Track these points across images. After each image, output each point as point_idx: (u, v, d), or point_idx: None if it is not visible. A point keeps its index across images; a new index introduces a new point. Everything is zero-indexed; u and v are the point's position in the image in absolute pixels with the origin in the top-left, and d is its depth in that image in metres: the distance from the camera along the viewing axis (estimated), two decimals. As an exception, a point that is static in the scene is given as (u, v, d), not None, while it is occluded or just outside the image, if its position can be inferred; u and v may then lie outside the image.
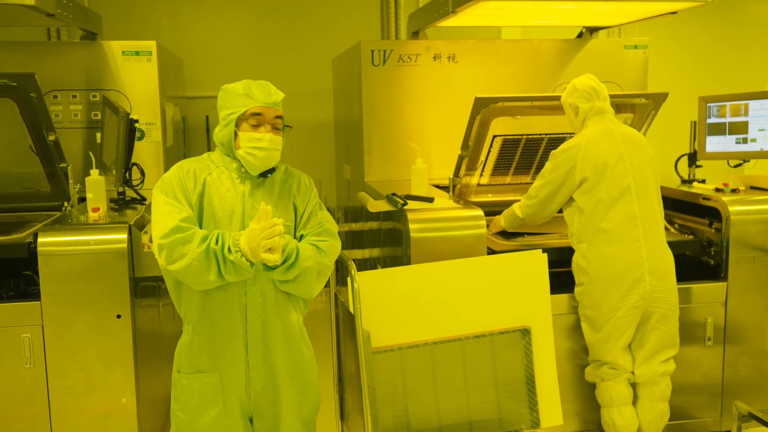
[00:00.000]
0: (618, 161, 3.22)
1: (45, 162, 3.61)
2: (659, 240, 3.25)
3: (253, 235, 2.21)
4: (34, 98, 3.40)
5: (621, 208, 3.19)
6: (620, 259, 3.18)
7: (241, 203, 2.38)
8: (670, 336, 3.27)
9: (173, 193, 2.35)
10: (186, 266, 2.24)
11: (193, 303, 2.39)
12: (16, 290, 3.24)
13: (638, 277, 3.16)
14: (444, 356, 2.96)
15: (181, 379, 2.45)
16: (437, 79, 4.62)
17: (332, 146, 6.13)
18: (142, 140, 4.35)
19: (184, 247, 2.24)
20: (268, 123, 2.36)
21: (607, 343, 3.23)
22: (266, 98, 2.36)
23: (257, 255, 2.21)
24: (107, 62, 4.35)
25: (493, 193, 4.14)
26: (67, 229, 3.14)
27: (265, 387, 2.43)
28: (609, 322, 3.21)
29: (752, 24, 6.81)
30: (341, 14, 6.12)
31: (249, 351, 2.40)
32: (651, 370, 3.26)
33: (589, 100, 3.35)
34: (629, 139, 3.31)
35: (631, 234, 3.18)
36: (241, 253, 2.22)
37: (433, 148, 4.42)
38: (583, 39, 4.88)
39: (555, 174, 3.31)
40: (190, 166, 2.42)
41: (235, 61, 6.02)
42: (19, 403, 3.10)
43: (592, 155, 3.23)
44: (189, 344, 2.42)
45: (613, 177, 3.21)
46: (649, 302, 3.18)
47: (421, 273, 2.99)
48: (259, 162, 2.37)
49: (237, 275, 2.26)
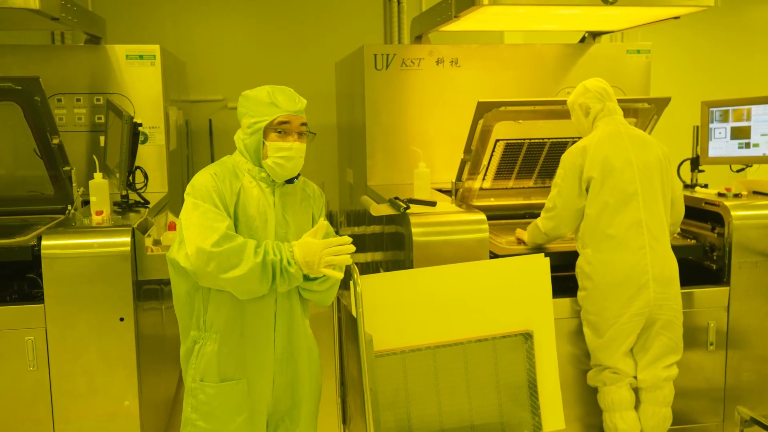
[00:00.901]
0: (626, 165, 3.21)
1: (49, 165, 3.62)
2: (664, 246, 3.23)
3: (313, 249, 2.25)
4: (39, 102, 3.42)
5: (628, 213, 3.18)
6: (625, 266, 3.17)
7: (273, 211, 2.39)
8: (674, 342, 3.26)
9: (211, 200, 2.29)
10: (241, 276, 2.21)
11: (222, 312, 2.37)
12: (20, 293, 3.25)
13: (643, 284, 3.15)
14: (446, 360, 2.96)
15: (206, 388, 2.39)
16: (440, 84, 4.63)
17: (335, 150, 6.15)
18: (146, 144, 4.36)
19: (239, 257, 2.21)
20: (294, 131, 2.36)
21: (609, 348, 3.23)
22: (292, 106, 2.35)
23: (313, 269, 2.25)
24: (111, 66, 4.37)
25: (495, 197, 4.15)
26: (71, 232, 3.15)
27: (286, 390, 2.47)
28: (612, 328, 3.20)
29: (755, 29, 6.82)
30: (344, 18, 6.14)
31: (276, 356, 2.42)
32: (654, 375, 3.26)
33: (600, 100, 3.33)
34: (638, 141, 3.28)
35: (637, 241, 3.17)
36: (298, 266, 2.25)
37: (435, 152, 4.43)
38: (586, 44, 4.89)
39: (567, 180, 3.28)
40: (224, 174, 2.36)
41: (239, 65, 6.04)
42: (23, 406, 3.11)
43: (598, 156, 3.21)
44: (217, 353, 2.37)
45: (621, 181, 3.19)
46: (653, 309, 3.17)
47: (423, 277, 3.00)
48: (287, 171, 2.37)
49: (288, 286, 2.30)
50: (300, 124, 2.38)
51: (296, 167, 2.39)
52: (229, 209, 2.31)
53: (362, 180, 4.74)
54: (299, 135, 2.38)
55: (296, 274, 2.26)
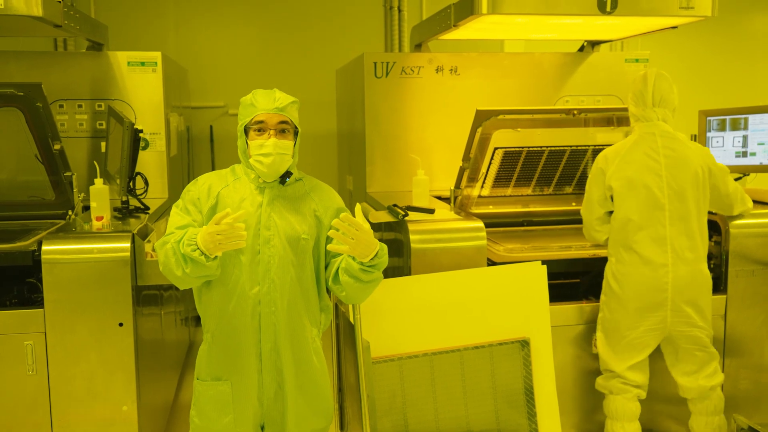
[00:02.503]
0: (654, 179, 3.12)
1: (50, 171, 3.64)
2: (691, 265, 3.13)
3: (209, 231, 2.26)
4: (40, 108, 3.44)
5: (651, 229, 3.11)
6: (644, 282, 3.12)
7: (257, 213, 2.41)
8: (706, 353, 3.20)
9: (183, 205, 2.44)
10: (163, 265, 2.37)
11: (210, 311, 2.44)
12: (20, 298, 3.26)
13: (659, 302, 3.11)
14: (443, 367, 2.97)
15: (198, 385, 2.49)
16: (439, 92, 4.65)
17: (335, 157, 6.17)
18: (147, 150, 4.38)
19: (163, 248, 2.35)
20: (271, 128, 2.39)
21: (621, 358, 3.20)
22: (268, 104, 2.39)
23: (214, 250, 2.25)
24: (113, 72, 4.40)
25: (494, 204, 4.16)
26: (71, 237, 3.17)
27: (277, 395, 2.45)
28: (624, 340, 3.18)
29: (753, 38, 6.85)
30: (345, 26, 6.16)
31: (262, 359, 2.42)
32: (699, 386, 3.21)
33: (637, 104, 3.23)
34: (674, 154, 3.15)
35: (660, 258, 3.10)
36: (196, 248, 2.25)
37: (434, 160, 4.45)
38: (585, 52, 4.91)
39: (591, 186, 3.26)
40: (207, 180, 2.48)
41: (240, 72, 6.06)
42: (22, 410, 3.12)
43: (624, 167, 3.14)
44: (208, 352, 2.47)
45: (646, 196, 3.12)
46: (671, 327, 3.13)
47: (421, 284, 3.01)
48: (267, 168, 2.39)
49: (197, 270, 2.29)
50: (279, 122, 2.39)
51: (276, 163, 2.39)
52: (203, 212, 2.41)
53: (362, 187, 4.76)
54: (280, 132, 2.39)
55: (199, 258, 2.25)
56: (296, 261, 2.42)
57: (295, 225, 2.43)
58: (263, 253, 2.39)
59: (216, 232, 2.22)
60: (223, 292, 2.41)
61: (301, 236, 2.43)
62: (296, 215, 2.45)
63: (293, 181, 2.49)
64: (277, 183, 2.45)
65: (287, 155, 2.40)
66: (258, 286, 2.39)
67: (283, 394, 2.45)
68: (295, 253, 2.42)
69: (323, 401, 2.54)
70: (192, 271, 2.29)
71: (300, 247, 2.43)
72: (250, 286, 2.39)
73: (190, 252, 2.25)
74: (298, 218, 2.45)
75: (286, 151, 2.40)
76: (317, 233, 2.49)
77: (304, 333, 2.47)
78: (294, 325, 2.44)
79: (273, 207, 2.43)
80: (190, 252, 2.25)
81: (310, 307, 2.49)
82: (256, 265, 2.39)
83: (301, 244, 2.43)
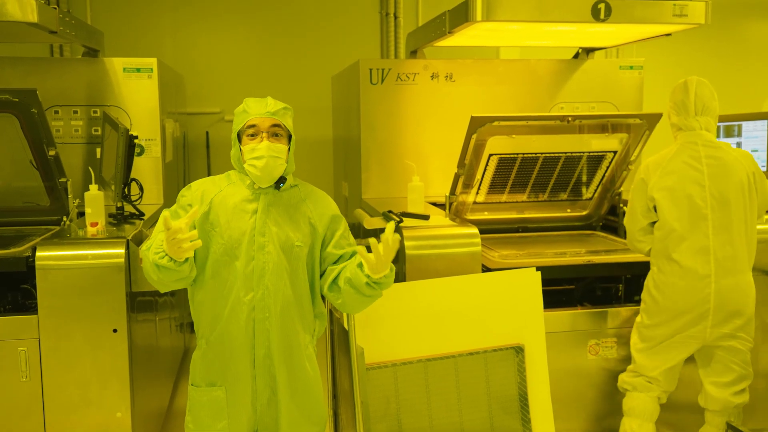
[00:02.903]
0: (697, 190, 3.09)
1: (45, 177, 3.64)
2: (735, 276, 3.09)
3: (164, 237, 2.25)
4: (35, 114, 3.44)
5: (694, 240, 3.08)
6: (686, 294, 3.09)
7: (252, 219, 2.41)
8: (744, 369, 3.19)
9: (175, 210, 2.44)
10: (145, 272, 2.38)
11: (204, 317, 2.45)
12: (14, 304, 3.26)
13: (701, 313, 3.08)
14: (437, 373, 2.97)
15: (192, 391, 2.49)
16: (435, 98, 4.66)
17: (331, 163, 6.18)
18: (142, 156, 4.38)
19: (145, 254, 2.37)
20: (264, 132, 2.39)
21: (655, 362, 3.19)
22: (260, 109, 2.40)
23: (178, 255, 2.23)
24: (108, 78, 4.40)
25: (489, 211, 4.18)
26: (66, 243, 3.17)
27: (270, 401, 2.45)
28: (660, 346, 3.17)
29: (747, 45, 6.88)
30: (341, 33, 6.18)
31: (256, 365, 2.42)
32: (725, 399, 3.20)
33: (678, 113, 3.20)
34: (718, 163, 3.12)
35: (703, 269, 3.06)
36: (164, 254, 2.24)
37: (429, 166, 4.46)
38: (580, 59, 4.93)
39: (634, 196, 3.24)
40: (200, 186, 2.48)
41: (236, 78, 6.07)
42: (15, 417, 3.11)
43: (667, 177, 3.12)
44: (202, 357, 2.47)
45: (689, 207, 3.09)
46: (711, 337, 3.11)
47: (415, 290, 3.01)
48: (261, 172, 2.38)
49: (169, 275, 2.29)
50: (270, 125, 2.39)
51: (270, 167, 2.38)
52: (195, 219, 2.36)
53: (357, 193, 4.77)
54: (273, 135, 2.39)
55: (168, 264, 2.24)
56: (290, 268, 2.43)
57: (289, 232, 2.43)
58: (258, 260, 2.39)
59: (169, 237, 2.19)
60: (217, 298, 2.41)
61: (295, 243, 2.43)
62: (291, 222, 2.45)
63: (288, 188, 2.49)
64: (272, 189, 2.45)
65: (281, 158, 2.40)
66: (252, 292, 2.39)
67: (276, 401, 2.45)
68: (289, 260, 2.42)
69: (316, 408, 2.54)
70: (165, 276, 2.30)
71: (294, 255, 2.43)
72: (245, 293, 2.38)
73: (158, 259, 2.26)
74: (293, 225, 2.45)
75: (279, 154, 2.39)
76: (311, 241, 2.48)
77: (298, 339, 2.47)
78: (287, 332, 2.44)
79: (268, 213, 2.43)
80: (158, 259, 2.26)
81: (303, 313, 2.49)
82: (250, 271, 2.39)
83: (295, 252, 2.43)
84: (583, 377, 3.49)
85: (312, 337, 2.55)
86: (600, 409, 3.56)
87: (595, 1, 3.56)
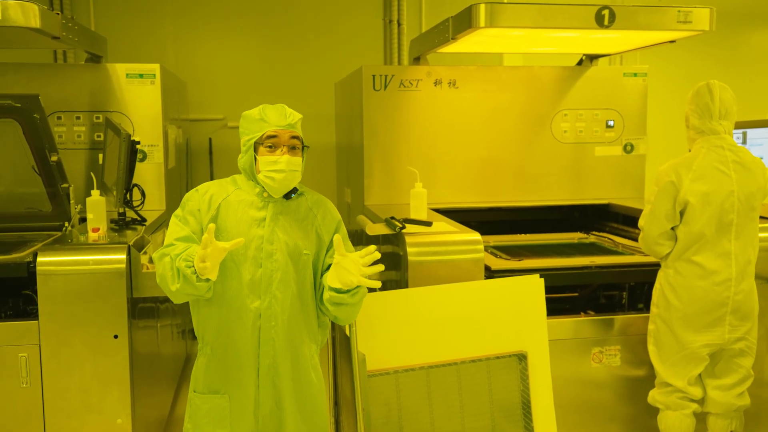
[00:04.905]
0: (727, 195, 3.08)
1: (47, 182, 3.63)
2: (749, 279, 3.12)
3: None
4: (38, 119, 3.44)
5: (719, 244, 3.08)
6: (706, 297, 3.09)
7: (260, 228, 2.39)
8: (747, 370, 3.20)
9: (183, 215, 2.41)
10: (160, 277, 2.33)
11: (210, 324, 2.41)
12: (15, 309, 3.25)
13: (719, 316, 3.08)
14: (440, 380, 2.95)
15: (195, 398, 2.46)
16: (438, 105, 4.65)
17: (334, 169, 6.17)
18: (144, 161, 4.38)
19: (161, 260, 2.32)
20: (284, 145, 2.37)
21: (680, 371, 3.17)
22: (280, 120, 2.38)
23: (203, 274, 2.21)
24: (111, 84, 4.40)
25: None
26: (67, 249, 3.16)
27: (273, 411, 2.43)
28: (682, 353, 3.15)
29: (752, 53, 6.87)
30: (344, 39, 6.18)
31: (260, 374, 2.40)
32: (728, 402, 3.20)
33: (700, 117, 3.15)
34: (743, 168, 3.12)
35: (725, 272, 3.07)
36: (191, 265, 2.22)
37: (433, 173, 4.44)
38: (583, 66, 4.92)
39: (660, 199, 3.14)
40: (208, 190, 2.45)
41: (239, 84, 6.07)
42: (16, 423, 3.10)
43: (700, 182, 3.08)
44: (206, 365, 2.44)
45: (720, 212, 3.07)
46: (726, 341, 3.12)
47: (418, 296, 3.00)
48: (278, 184, 2.38)
49: (186, 287, 2.26)
50: (290, 137, 2.38)
51: (288, 180, 2.38)
52: (202, 223, 2.37)
53: (360, 199, 4.76)
54: (291, 149, 2.39)
55: (191, 276, 2.21)
56: (297, 276, 2.42)
57: (297, 240, 2.42)
58: (266, 267, 2.37)
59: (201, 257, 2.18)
60: (223, 305, 2.39)
61: (303, 252, 2.42)
62: (299, 231, 2.44)
63: (297, 196, 2.49)
64: (281, 198, 2.44)
65: (298, 172, 2.41)
66: (259, 300, 2.37)
67: (279, 412, 2.43)
68: (297, 268, 2.41)
69: (320, 418, 2.52)
70: (182, 287, 2.27)
71: (302, 263, 2.42)
72: (251, 300, 2.37)
73: (185, 267, 2.23)
74: (301, 234, 2.44)
75: (297, 167, 2.40)
76: (317, 249, 2.48)
77: (303, 349, 2.45)
78: (293, 341, 2.42)
79: (276, 222, 2.42)
80: (185, 267, 2.23)
81: (309, 322, 2.47)
82: (258, 279, 2.37)
83: (302, 260, 2.42)
84: (586, 385, 3.47)
85: (317, 347, 2.54)
86: (603, 417, 3.54)
87: (599, 7, 3.55)
